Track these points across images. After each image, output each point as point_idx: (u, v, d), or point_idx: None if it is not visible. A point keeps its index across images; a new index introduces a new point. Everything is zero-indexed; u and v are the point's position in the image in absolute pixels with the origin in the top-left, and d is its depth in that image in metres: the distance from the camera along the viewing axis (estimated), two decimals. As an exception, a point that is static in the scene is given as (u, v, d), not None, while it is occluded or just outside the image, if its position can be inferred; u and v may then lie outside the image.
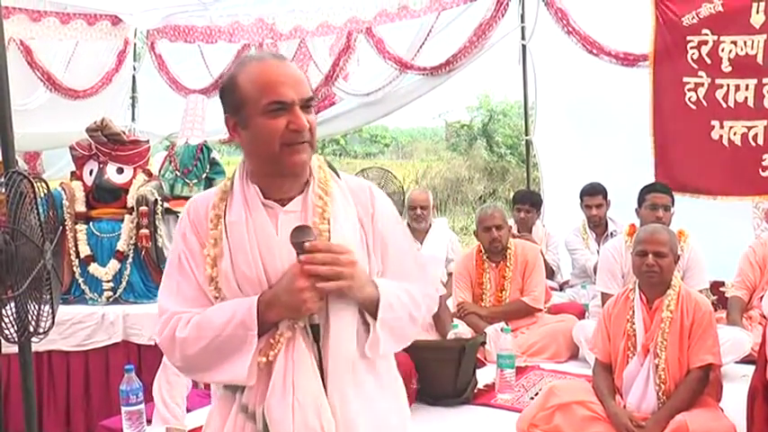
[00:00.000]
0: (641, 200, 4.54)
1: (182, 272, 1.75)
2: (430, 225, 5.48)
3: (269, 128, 1.66)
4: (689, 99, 5.10)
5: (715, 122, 5.04)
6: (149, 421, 3.23)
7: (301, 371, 1.66)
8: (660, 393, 3.14)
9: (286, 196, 1.75)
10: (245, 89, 1.69)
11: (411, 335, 1.85)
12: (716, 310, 3.95)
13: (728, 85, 4.97)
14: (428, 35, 6.34)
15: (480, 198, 14.47)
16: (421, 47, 6.39)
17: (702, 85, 5.05)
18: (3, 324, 2.65)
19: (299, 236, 1.64)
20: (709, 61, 5.02)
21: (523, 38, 6.06)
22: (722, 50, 4.95)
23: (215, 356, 1.67)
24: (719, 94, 5.00)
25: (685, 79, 5.10)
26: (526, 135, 6.49)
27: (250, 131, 1.71)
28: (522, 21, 6.01)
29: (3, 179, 2.71)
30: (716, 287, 4.66)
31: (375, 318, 1.70)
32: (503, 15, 5.98)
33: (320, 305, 1.65)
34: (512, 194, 7.38)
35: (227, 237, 1.72)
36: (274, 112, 1.66)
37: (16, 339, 2.74)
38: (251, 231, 1.71)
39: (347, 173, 1.90)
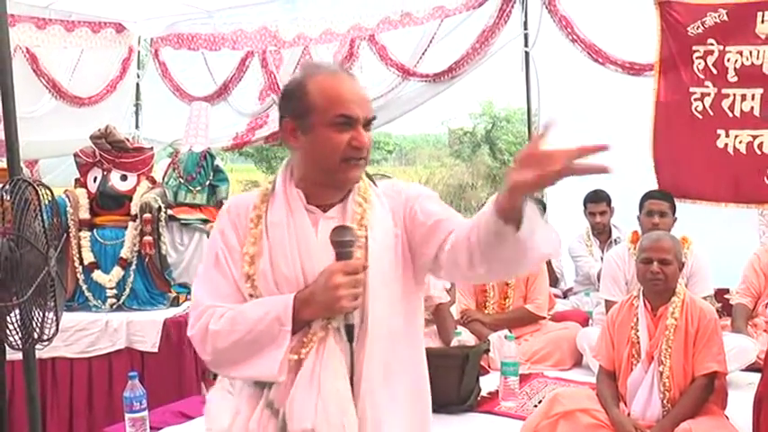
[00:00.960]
0: (640, 206, 4.55)
1: (218, 267, 1.79)
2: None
3: (333, 141, 1.71)
4: (695, 109, 5.10)
5: (721, 131, 5.03)
6: (153, 428, 3.22)
7: (329, 370, 1.68)
8: (665, 401, 3.13)
9: (327, 203, 1.80)
10: (315, 97, 1.73)
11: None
12: (721, 317, 3.94)
13: (734, 95, 4.96)
14: (431, 42, 6.34)
15: (483, 205, 14.43)
16: (424, 54, 6.40)
17: (709, 94, 5.04)
18: (7, 331, 2.66)
19: (339, 235, 1.69)
20: (715, 71, 5.01)
21: (526, 45, 6.05)
22: (728, 60, 4.95)
23: (246, 351, 1.69)
24: (726, 103, 4.99)
25: (692, 89, 5.09)
26: (529, 142, 6.48)
27: (311, 139, 1.74)
28: (525, 28, 6.01)
29: (8, 186, 2.72)
30: (720, 294, 4.65)
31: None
32: (505, 22, 5.99)
33: (355, 305, 1.67)
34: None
35: (268, 237, 1.76)
36: (340, 126, 1.71)
37: (20, 346, 2.74)
38: (291, 233, 1.75)
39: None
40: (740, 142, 4.98)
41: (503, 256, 1.60)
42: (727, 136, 5.02)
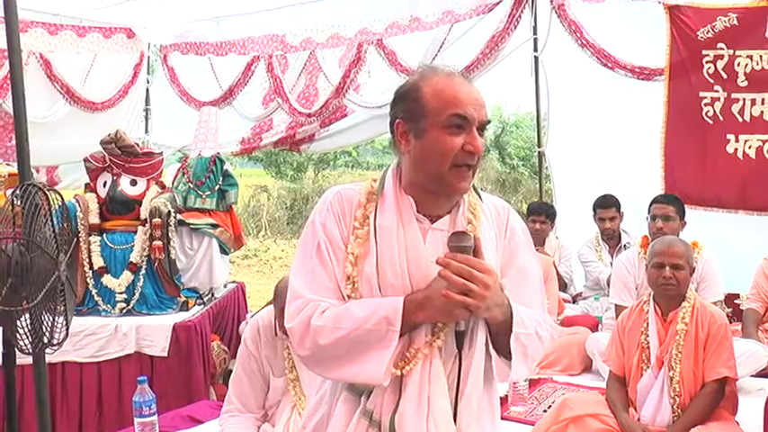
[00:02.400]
0: (648, 211, 4.54)
1: (321, 260, 1.73)
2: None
3: (446, 144, 1.67)
4: (705, 114, 5.09)
5: (731, 136, 5.02)
6: (162, 433, 3.23)
7: (437, 391, 1.66)
8: (675, 406, 3.12)
9: (436, 213, 1.76)
10: (429, 99, 1.69)
11: (537, 354, 1.83)
12: (731, 322, 3.92)
13: (744, 100, 4.95)
14: (441, 47, 6.35)
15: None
16: (434, 59, 6.39)
17: (719, 99, 5.03)
18: (18, 335, 2.67)
19: (458, 240, 1.66)
20: (725, 76, 5.00)
21: (536, 49, 6.05)
22: (738, 65, 4.93)
23: (350, 350, 1.64)
24: (735, 108, 4.98)
25: (701, 94, 5.08)
26: (539, 147, 6.48)
27: (423, 142, 1.70)
28: (535, 33, 6.00)
29: (18, 191, 2.73)
30: (731, 299, 4.62)
31: (506, 341, 1.69)
32: (515, 27, 5.98)
33: (469, 312, 1.64)
34: (524, 206, 7.37)
35: (377, 240, 1.72)
36: (454, 128, 1.67)
37: (31, 350, 2.75)
38: (401, 240, 1.71)
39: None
40: (750, 147, 4.96)
41: None
42: (737, 141, 5.00)
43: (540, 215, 5.59)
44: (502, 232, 1.82)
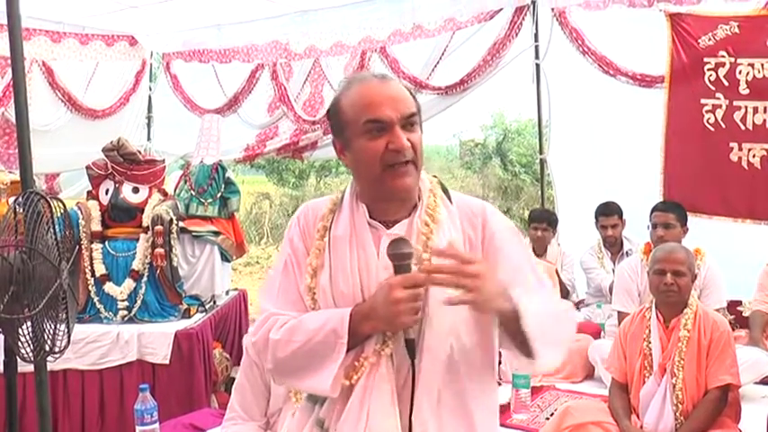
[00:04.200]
0: (649, 219, 4.53)
1: (286, 275, 1.78)
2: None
3: (369, 149, 1.67)
4: (707, 121, 5.07)
5: (734, 144, 5.01)
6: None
7: (378, 401, 1.64)
8: (678, 413, 3.11)
9: (392, 218, 1.75)
10: (347, 111, 1.70)
11: (566, 335, 1.79)
12: (734, 329, 3.91)
13: (746, 107, 4.94)
14: (443, 54, 6.37)
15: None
16: (435, 66, 6.41)
17: (720, 106, 5.02)
18: (19, 343, 2.67)
19: (396, 248, 1.63)
20: (726, 83, 4.99)
21: (537, 57, 6.06)
22: (739, 72, 4.92)
23: (304, 362, 1.67)
24: (737, 116, 4.97)
25: (703, 101, 5.07)
26: (540, 154, 6.48)
27: (353, 153, 1.72)
28: (536, 40, 6.01)
29: (20, 199, 2.74)
30: (733, 306, 4.61)
31: (519, 330, 1.63)
32: (516, 34, 6.00)
33: (416, 319, 1.61)
34: (526, 213, 7.36)
35: (330, 251, 1.73)
36: (373, 133, 1.66)
37: (32, 358, 2.75)
38: (353, 248, 1.72)
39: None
40: (754, 156, 4.95)
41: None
42: (741, 149, 4.99)
43: (542, 223, 5.59)
44: (477, 234, 1.77)
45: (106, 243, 4.54)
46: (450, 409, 1.70)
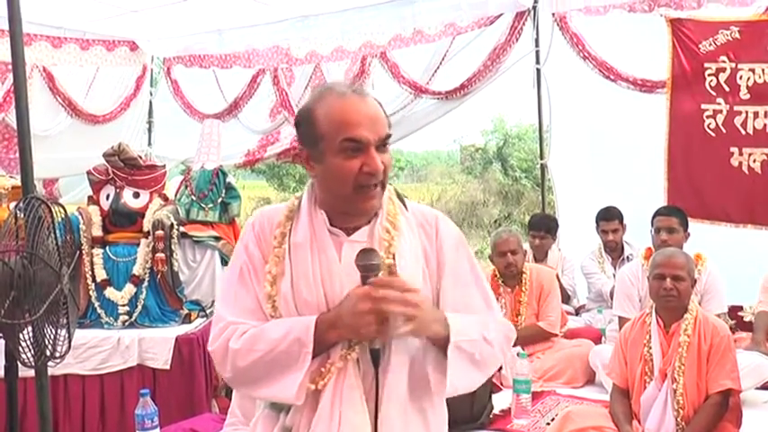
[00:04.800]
0: (651, 224, 4.53)
1: (242, 283, 1.75)
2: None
3: (343, 169, 1.65)
4: (708, 126, 5.08)
5: (734, 149, 5.01)
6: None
7: (350, 404, 1.64)
8: (679, 419, 3.11)
9: (352, 225, 1.75)
10: (322, 124, 1.67)
11: (493, 359, 1.80)
12: (734, 333, 3.90)
13: (747, 112, 4.94)
14: (443, 59, 6.38)
15: (495, 222, 14.44)
16: (436, 71, 6.43)
17: (721, 111, 5.03)
18: (20, 348, 2.67)
19: (365, 258, 1.63)
20: (727, 88, 4.99)
21: (538, 62, 6.06)
22: (740, 78, 4.93)
23: (266, 371, 1.65)
24: (738, 121, 4.97)
25: (703, 106, 5.08)
26: (541, 159, 6.48)
27: (324, 167, 1.69)
28: (537, 45, 6.02)
29: (21, 204, 2.74)
30: (734, 311, 4.61)
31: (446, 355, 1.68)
32: (517, 39, 6.01)
33: (380, 330, 1.61)
34: (527, 218, 7.35)
35: (290, 257, 1.72)
36: (349, 152, 1.65)
37: (33, 363, 2.75)
38: (315, 256, 1.71)
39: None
40: (754, 161, 4.96)
41: None
42: (741, 154, 5.00)
43: (540, 230, 5.59)
44: (432, 242, 1.80)
45: (107, 248, 4.54)
46: (414, 417, 1.73)
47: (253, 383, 1.69)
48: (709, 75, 5.05)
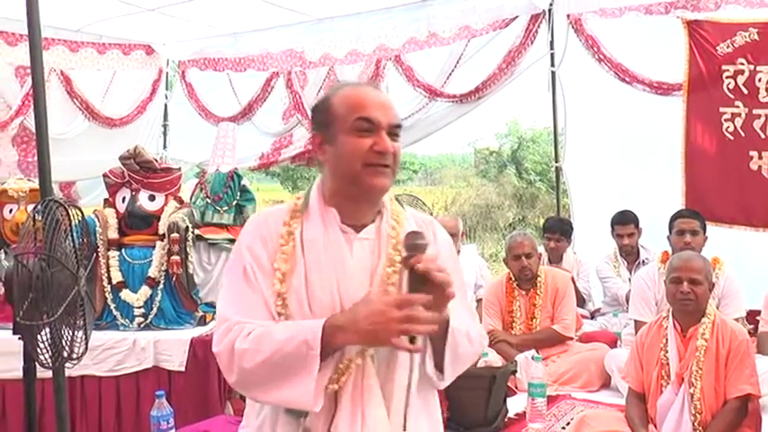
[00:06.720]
0: (670, 226, 4.50)
1: (248, 282, 1.72)
2: (459, 251, 5.46)
3: (354, 145, 1.69)
4: (726, 129, 5.03)
5: (753, 153, 4.96)
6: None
7: (371, 401, 1.65)
8: (696, 424, 3.08)
9: (360, 223, 1.77)
10: (337, 107, 1.73)
11: (468, 358, 1.83)
12: (752, 338, 3.86)
13: (766, 116, 4.89)
14: (457, 62, 6.38)
15: (510, 225, 14.43)
16: (450, 74, 6.42)
17: (740, 115, 4.98)
18: (38, 349, 2.69)
19: (414, 239, 1.63)
20: (745, 91, 4.94)
21: (553, 64, 6.05)
22: (759, 80, 4.87)
23: (273, 374, 1.61)
24: (757, 124, 4.92)
25: (722, 109, 5.03)
26: (556, 162, 6.46)
27: (335, 148, 1.72)
28: (552, 47, 6.01)
29: (39, 207, 2.76)
30: (753, 316, 4.56)
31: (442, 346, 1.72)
32: (532, 42, 6.00)
33: (399, 341, 1.59)
34: (542, 221, 7.32)
35: (303, 254, 1.72)
36: (361, 132, 1.69)
37: (51, 364, 2.77)
38: (328, 252, 1.72)
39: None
40: None
41: None
42: (761, 158, 4.94)
43: (555, 233, 5.58)
44: (432, 245, 1.80)
45: (123, 250, 4.56)
46: (419, 405, 1.75)
47: (261, 386, 1.65)
48: (727, 77, 5.00)
